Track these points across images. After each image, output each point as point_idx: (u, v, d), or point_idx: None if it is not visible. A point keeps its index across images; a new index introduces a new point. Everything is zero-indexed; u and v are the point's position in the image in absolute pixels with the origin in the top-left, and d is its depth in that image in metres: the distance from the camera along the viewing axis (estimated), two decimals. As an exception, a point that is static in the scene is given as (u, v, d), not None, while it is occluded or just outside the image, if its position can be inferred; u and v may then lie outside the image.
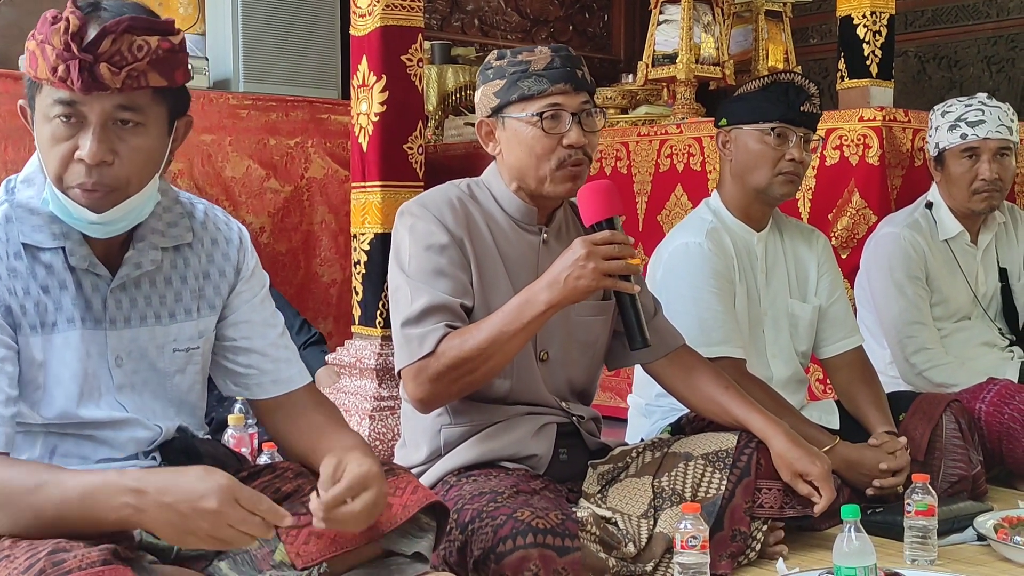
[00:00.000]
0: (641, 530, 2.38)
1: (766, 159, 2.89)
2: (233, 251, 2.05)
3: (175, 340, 1.97)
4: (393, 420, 3.52)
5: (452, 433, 2.47)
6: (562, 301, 2.24)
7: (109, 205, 1.80)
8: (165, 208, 1.97)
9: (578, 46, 7.49)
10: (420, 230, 2.38)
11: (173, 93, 1.84)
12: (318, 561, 1.84)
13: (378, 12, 3.59)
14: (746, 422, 2.52)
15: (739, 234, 2.99)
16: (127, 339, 1.92)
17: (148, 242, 1.92)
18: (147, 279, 1.94)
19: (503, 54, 2.45)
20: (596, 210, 2.27)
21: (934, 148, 3.47)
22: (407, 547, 1.93)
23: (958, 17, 7.12)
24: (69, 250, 1.85)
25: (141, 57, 1.75)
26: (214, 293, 2.02)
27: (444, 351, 2.28)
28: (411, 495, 1.91)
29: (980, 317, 3.52)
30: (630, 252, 2.22)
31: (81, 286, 1.87)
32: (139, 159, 1.80)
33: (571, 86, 2.37)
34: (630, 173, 4.54)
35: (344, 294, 5.08)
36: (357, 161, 3.74)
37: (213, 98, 4.78)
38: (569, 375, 2.54)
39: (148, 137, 1.81)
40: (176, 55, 1.81)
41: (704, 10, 5.18)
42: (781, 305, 3.04)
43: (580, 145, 2.37)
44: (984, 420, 3.15)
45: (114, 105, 1.76)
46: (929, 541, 2.48)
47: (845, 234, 3.83)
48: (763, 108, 2.90)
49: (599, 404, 2.75)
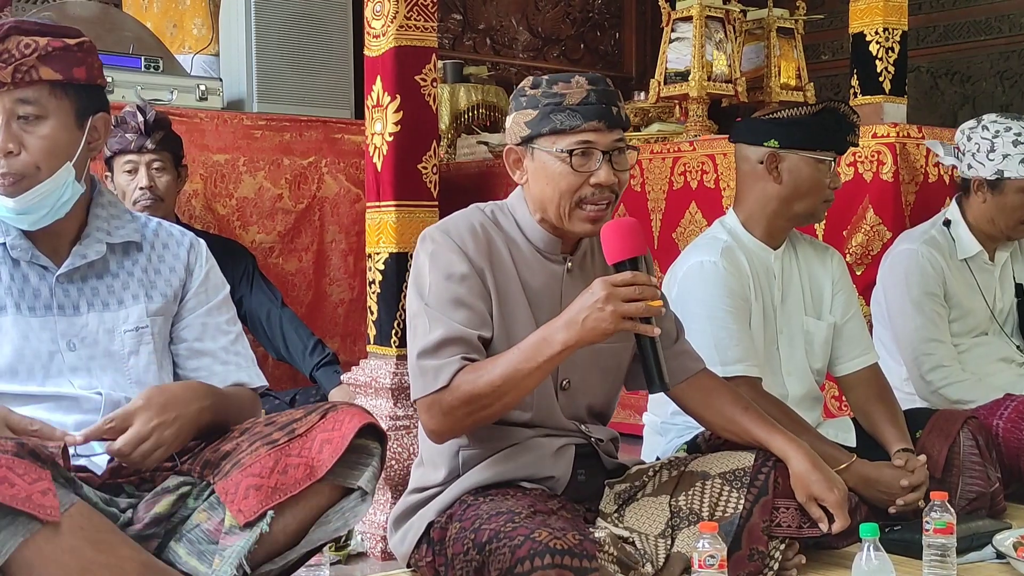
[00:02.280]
0: (659, 550, 2.37)
1: (819, 187, 2.94)
2: (183, 252, 2.24)
3: (124, 322, 2.14)
4: (409, 439, 3.51)
5: (470, 454, 2.45)
6: (579, 342, 2.20)
7: (22, 191, 2.02)
8: (113, 215, 2.18)
9: (589, 64, 7.50)
10: (441, 258, 2.35)
11: (77, 89, 2.06)
12: (260, 512, 1.88)
13: (392, 32, 3.60)
14: (767, 443, 2.50)
15: (756, 252, 2.99)
16: (78, 325, 2.10)
17: (93, 238, 2.13)
18: (93, 271, 2.14)
19: (538, 82, 2.39)
20: (619, 248, 2.22)
21: (993, 172, 3.40)
22: (355, 479, 1.97)
23: (970, 32, 7.12)
24: (9, 244, 2.08)
25: (28, 53, 1.98)
26: (165, 284, 2.20)
27: (458, 385, 2.26)
28: (349, 423, 1.95)
29: (997, 333, 3.51)
30: (652, 294, 2.17)
31: (27, 278, 2.08)
32: (44, 146, 2.02)
33: (605, 123, 2.32)
34: (644, 191, 4.54)
35: (352, 313, 5.08)
36: (372, 181, 3.74)
37: (227, 118, 4.79)
38: (589, 401, 2.53)
39: (51, 128, 2.03)
40: (71, 53, 2.03)
41: (716, 27, 5.18)
42: (796, 323, 3.03)
43: (609, 184, 2.33)
44: (1002, 436, 3.13)
45: (13, 100, 2.00)
46: (948, 559, 2.46)
47: (859, 250, 3.82)
48: (819, 136, 2.91)
49: (616, 422, 2.74)
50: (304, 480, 1.90)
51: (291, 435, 1.96)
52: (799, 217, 2.98)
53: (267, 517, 1.88)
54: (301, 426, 1.98)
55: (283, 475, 1.91)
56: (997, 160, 3.37)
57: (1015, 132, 3.38)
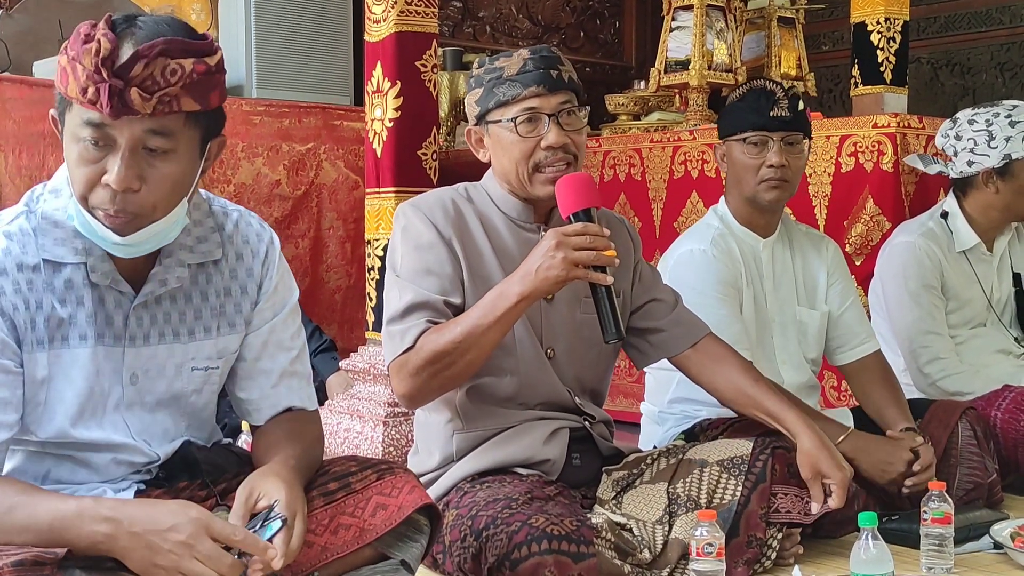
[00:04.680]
0: (656, 536, 2.37)
1: (748, 168, 2.92)
2: (258, 266, 1.99)
3: (193, 359, 1.93)
4: (407, 426, 3.52)
5: (464, 439, 2.47)
6: (534, 292, 2.24)
7: (133, 229, 1.76)
8: (196, 222, 1.92)
9: (590, 53, 7.48)
10: (411, 230, 2.42)
11: (207, 115, 1.79)
12: (309, 571, 1.84)
13: (393, 18, 3.59)
14: (779, 416, 2.50)
15: (745, 241, 3.00)
16: (145, 357, 1.88)
17: (175, 258, 1.88)
18: (169, 296, 1.90)
19: (483, 62, 2.48)
20: (572, 201, 2.27)
21: (1000, 159, 3.36)
22: (400, 550, 1.91)
23: (971, 24, 7.11)
24: (91, 266, 1.82)
25: (174, 82, 1.70)
26: (235, 311, 1.97)
27: (422, 345, 2.30)
28: (407, 495, 1.89)
29: (995, 324, 3.50)
30: (604, 243, 2.21)
31: (103, 302, 1.84)
32: (166, 186, 1.75)
33: (546, 87, 2.38)
34: (644, 180, 4.53)
35: (349, 300, 5.09)
36: (371, 167, 3.74)
37: (226, 104, 4.78)
38: (577, 372, 2.54)
39: (178, 163, 1.76)
40: (212, 77, 1.75)
41: (717, 16, 5.17)
42: (789, 312, 3.03)
43: (559, 145, 2.38)
44: (1000, 427, 3.13)
45: (144, 130, 1.71)
46: (945, 549, 2.46)
47: (859, 241, 3.82)
48: (740, 118, 2.93)
49: (615, 410, 2.74)
50: (353, 543, 1.86)
51: (347, 490, 1.91)
52: (752, 202, 2.96)
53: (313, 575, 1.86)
54: (357, 481, 1.92)
55: (334, 535, 1.86)
56: (1000, 145, 3.35)
57: (1005, 115, 3.37)
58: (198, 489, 1.94)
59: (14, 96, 4.32)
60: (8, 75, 4.56)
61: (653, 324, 2.59)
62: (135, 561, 1.64)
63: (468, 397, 2.45)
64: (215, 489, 1.93)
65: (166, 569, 1.63)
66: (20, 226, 1.82)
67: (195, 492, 1.93)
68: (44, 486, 1.81)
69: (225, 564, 1.64)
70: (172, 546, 1.63)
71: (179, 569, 1.63)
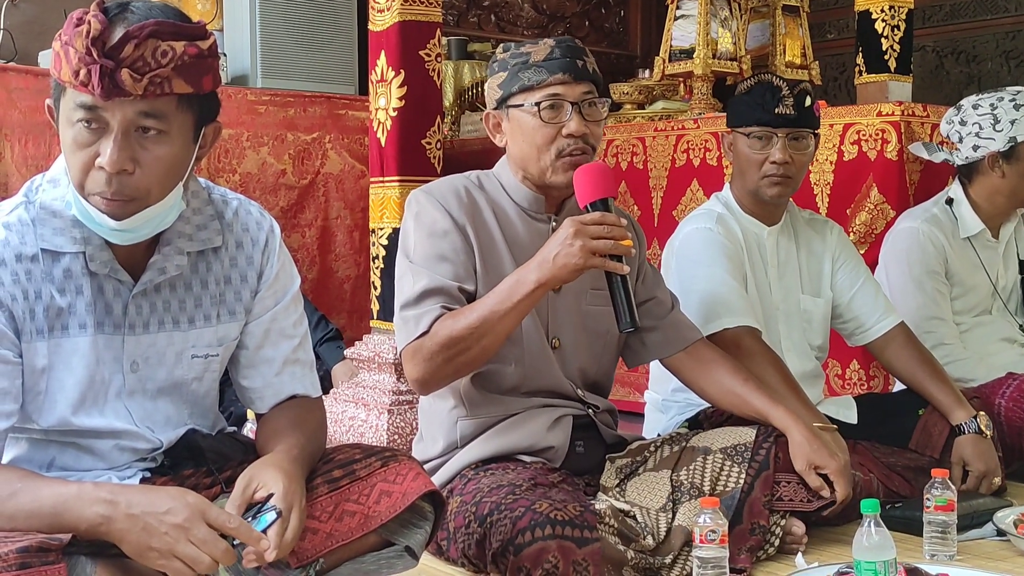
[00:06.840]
0: (660, 523, 2.38)
1: (752, 162, 2.93)
2: (257, 254, 1.99)
3: (193, 346, 1.94)
4: (412, 414, 3.53)
5: (468, 426, 2.48)
6: (551, 280, 2.25)
7: (129, 213, 1.76)
8: (195, 210, 1.93)
9: (594, 42, 7.48)
10: (424, 217, 2.43)
11: (200, 99, 1.79)
12: (314, 558, 1.84)
13: (396, 7, 3.60)
14: (767, 414, 2.53)
15: (749, 228, 3.01)
16: (145, 344, 1.89)
17: (174, 246, 1.88)
18: (168, 284, 1.90)
19: (508, 47, 2.49)
20: (590, 191, 2.29)
21: (1006, 141, 3.36)
22: (404, 537, 1.92)
23: (976, 11, 7.09)
24: (89, 255, 1.82)
25: (165, 63, 1.70)
26: (235, 299, 1.98)
27: (437, 330, 2.31)
28: (412, 482, 1.90)
29: (1000, 311, 3.50)
30: (621, 233, 2.22)
31: (102, 291, 1.84)
32: (160, 168, 1.76)
33: (571, 76, 2.40)
34: (646, 168, 4.54)
35: (358, 289, 5.09)
36: (376, 156, 3.75)
37: (231, 94, 4.79)
38: (581, 364, 2.55)
39: (171, 146, 1.76)
40: (204, 60, 1.76)
41: (721, 5, 5.16)
42: (793, 300, 3.04)
43: (580, 134, 2.39)
44: (1003, 415, 3.13)
45: (136, 112, 1.71)
46: (948, 536, 2.47)
47: (863, 229, 3.82)
48: (745, 112, 2.94)
49: (617, 399, 2.75)
50: (357, 530, 1.86)
51: (352, 478, 1.91)
52: (753, 194, 2.98)
53: (318, 564, 1.86)
54: (361, 469, 1.92)
55: (339, 522, 1.86)
56: (1006, 128, 3.35)
57: (1010, 99, 3.38)
58: (203, 477, 1.95)
59: (20, 86, 4.34)
60: (14, 65, 4.57)
61: (650, 324, 2.61)
62: (131, 544, 1.64)
63: (472, 385, 2.46)
64: (220, 477, 1.94)
65: (160, 552, 1.63)
66: (19, 216, 1.83)
67: (200, 480, 1.94)
68: (49, 474, 1.82)
69: (219, 549, 1.65)
70: (168, 529, 1.63)
71: (173, 552, 1.63)
